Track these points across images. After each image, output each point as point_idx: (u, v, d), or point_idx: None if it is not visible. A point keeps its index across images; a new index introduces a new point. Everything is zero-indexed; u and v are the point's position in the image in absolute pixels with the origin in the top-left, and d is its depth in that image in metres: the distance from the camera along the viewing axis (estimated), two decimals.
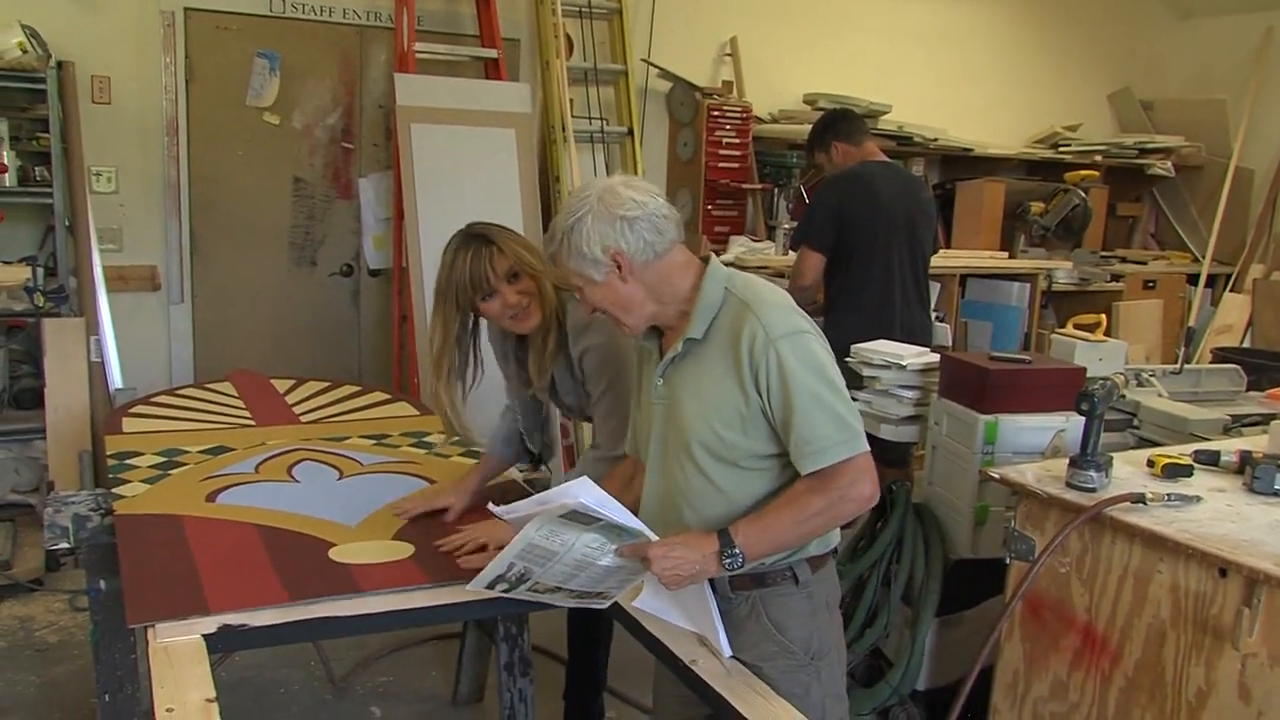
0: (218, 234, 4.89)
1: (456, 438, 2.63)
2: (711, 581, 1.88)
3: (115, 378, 4.44)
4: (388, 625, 1.98)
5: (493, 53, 5.01)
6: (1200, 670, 2.20)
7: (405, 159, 4.72)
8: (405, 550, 2.17)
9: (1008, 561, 2.63)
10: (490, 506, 1.93)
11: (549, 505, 1.67)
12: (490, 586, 1.85)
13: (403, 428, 3.17)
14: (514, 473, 2.79)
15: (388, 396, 3.59)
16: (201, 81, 4.74)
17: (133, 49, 4.55)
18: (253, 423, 3.19)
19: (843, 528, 3.25)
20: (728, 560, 1.78)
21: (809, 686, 1.94)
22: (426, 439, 3.07)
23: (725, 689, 1.63)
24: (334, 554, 2.15)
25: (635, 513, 1.85)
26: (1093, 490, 2.41)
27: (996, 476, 2.63)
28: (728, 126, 5.44)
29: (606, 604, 1.90)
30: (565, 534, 1.70)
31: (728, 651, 1.85)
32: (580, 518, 1.67)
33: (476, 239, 2.34)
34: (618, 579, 1.84)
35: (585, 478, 1.71)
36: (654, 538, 1.77)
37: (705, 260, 1.95)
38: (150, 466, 2.70)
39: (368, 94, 5.11)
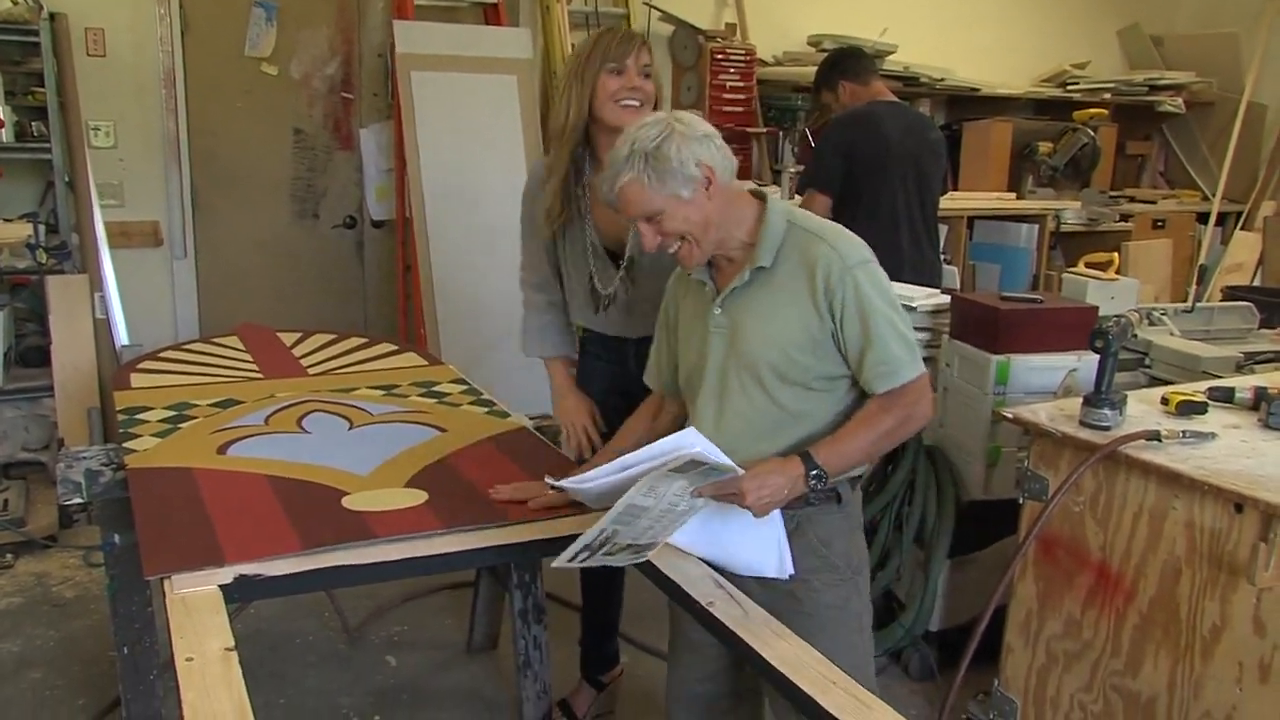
0: (219, 188, 4.87)
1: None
2: None
3: (121, 334, 4.45)
4: (402, 573, 1.98)
5: None
6: (1215, 606, 2.21)
7: (406, 108, 4.68)
8: (419, 497, 2.17)
9: (1021, 502, 2.64)
10: (548, 480, 2.01)
11: (663, 460, 1.70)
12: (573, 559, 1.85)
13: (411, 378, 3.17)
14: (525, 419, 2.80)
15: (395, 347, 3.59)
16: (197, 32, 4.69)
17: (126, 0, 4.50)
18: (261, 376, 3.18)
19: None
20: (813, 480, 1.88)
21: (849, 598, 2.11)
22: (436, 388, 3.06)
23: (744, 631, 1.63)
24: (347, 502, 2.15)
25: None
26: (1107, 429, 2.41)
27: (1010, 416, 2.63)
28: (731, 70, 5.36)
29: (652, 553, 1.92)
30: (661, 486, 1.73)
31: (790, 571, 1.96)
32: (685, 469, 1.71)
33: (627, 28, 2.60)
34: (679, 524, 1.87)
35: (691, 428, 1.79)
36: (741, 473, 1.82)
37: (758, 196, 2.04)
38: (160, 421, 2.69)
39: (366, 42, 5.05)
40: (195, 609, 1.68)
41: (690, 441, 1.71)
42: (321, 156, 5.09)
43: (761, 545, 1.95)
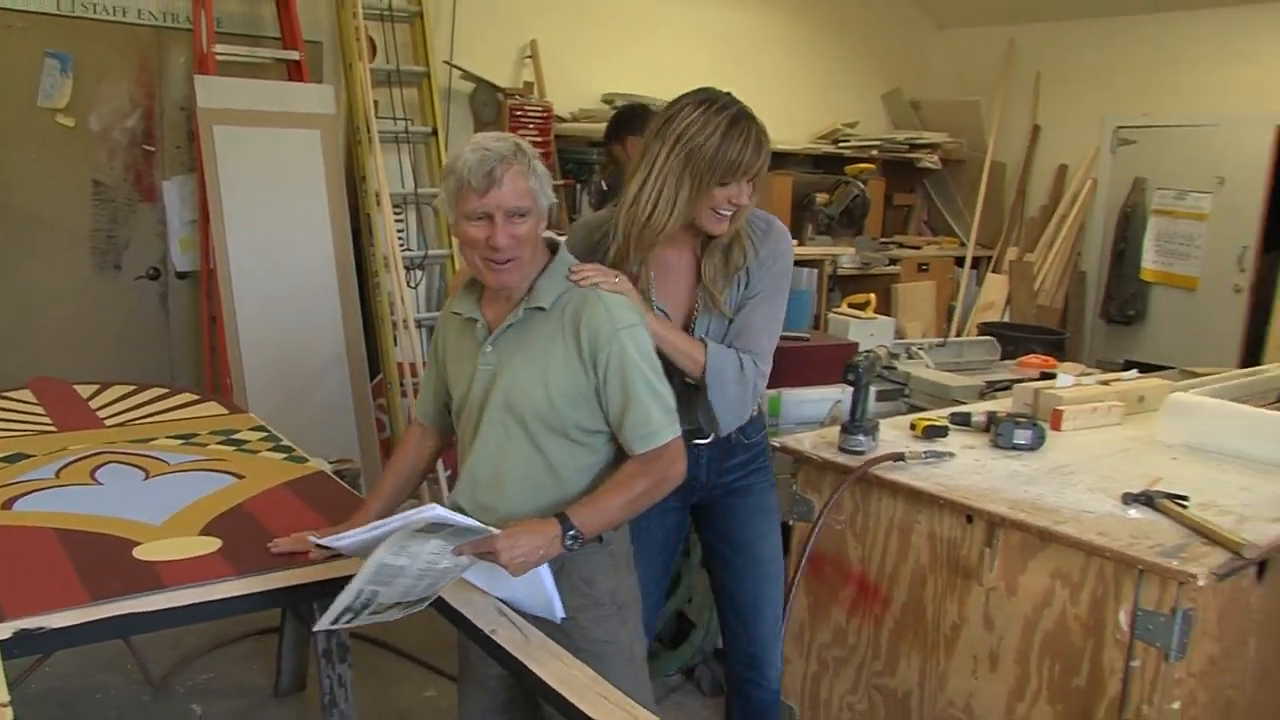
0: (11, 240, 4.60)
1: None
2: None
3: None
4: (193, 618, 1.92)
5: (295, 55, 4.87)
6: (954, 606, 2.37)
7: (209, 161, 4.55)
8: (212, 545, 2.11)
9: (791, 524, 2.76)
10: (311, 539, 2.01)
11: (405, 523, 1.67)
12: (335, 621, 1.81)
13: (211, 426, 3.08)
14: (324, 464, 2.75)
15: (196, 397, 3.47)
16: None
17: None
18: (54, 428, 3.03)
19: None
20: (569, 541, 1.85)
21: (616, 633, 2.09)
22: (235, 436, 2.99)
23: (523, 654, 1.66)
24: (138, 552, 2.07)
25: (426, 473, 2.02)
26: (861, 453, 2.55)
27: (778, 446, 2.75)
28: (530, 125, 5.44)
29: (427, 603, 1.90)
30: (412, 546, 1.70)
31: (561, 615, 1.93)
32: (431, 530, 1.69)
33: (752, 120, 2.13)
34: (449, 577, 1.85)
35: (434, 505, 1.71)
36: (495, 532, 1.79)
37: (552, 246, 2.04)
38: None
39: (168, 96, 4.89)
40: None
41: (429, 507, 1.68)
42: (123, 208, 4.88)
43: (532, 592, 1.93)
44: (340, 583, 1.94)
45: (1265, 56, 6.28)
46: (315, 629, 1.83)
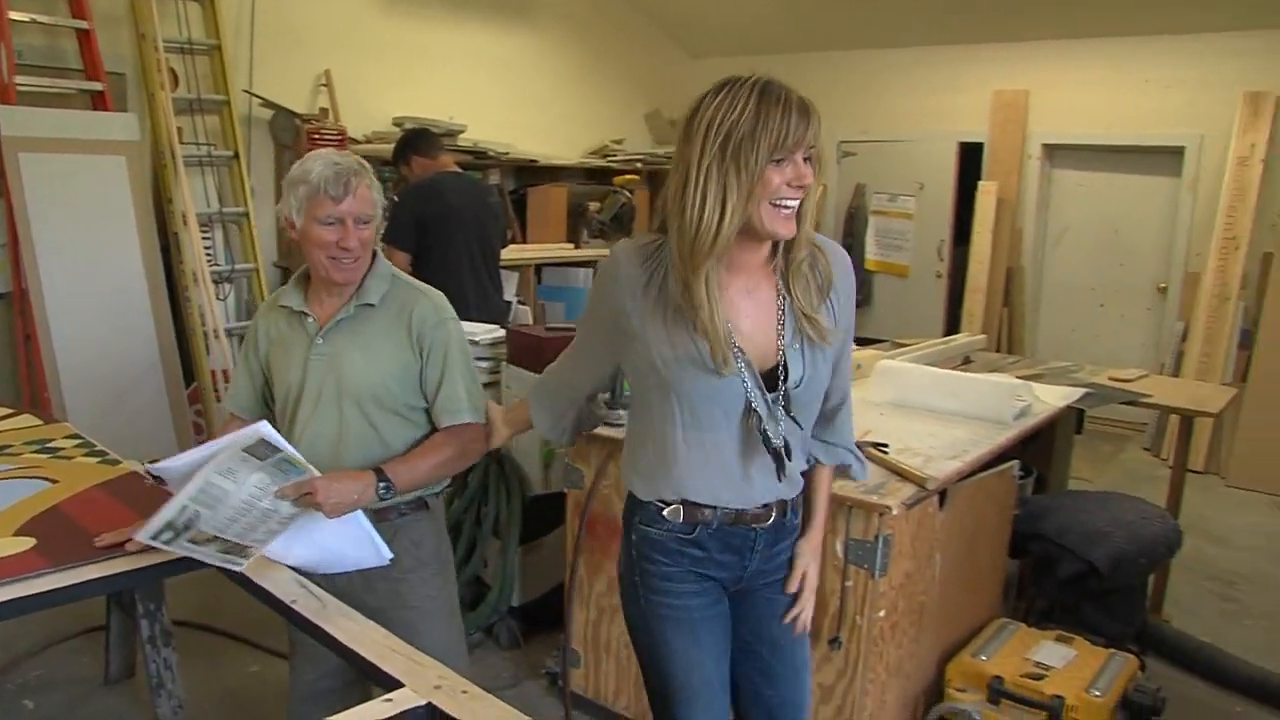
0: None
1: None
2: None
3: None
4: (11, 613, 1.81)
5: (98, 85, 4.59)
6: None
7: (15, 188, 4.25)
8: (26, 543, 2.01)
9: (565, 491, 2.83)
10: (147, 466, 1.87)
11: (229, 443, 1.64)
12: (155, 538, 1.75)
13: (25, 437, 2.88)
14: (137, 464, 2.64)
15: (12, 411, 3.24)
16: None
17: None
18: None
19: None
20: (382, 489, 1.90)
21: (441, 587, 2.17)
22: (50, 445, 2.82)
23: (321, 619, 1.67)
24: None
25: None
26: (622, 425, 2.64)
27: None
28: (326, 148, 5.30)
29: (247, 562, 1.83)
30: (240, 471, 1.68)
31: (389, 555, 1.92)
32: (258, 452, 1.66)
33: (784, 86, 1.57)
34: (267, 528, 1.80)
35: (264, 421, 1.70)
36: (316, 474, 1.79)
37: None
38: None
39: None
40: None
41: (256, 427, 1.65)
42: None
43: (356, 542, 1.91)
44: (152, 571, 1.90)
45: (950, 87, 6.84)
46: (137, 537, 1.74)
